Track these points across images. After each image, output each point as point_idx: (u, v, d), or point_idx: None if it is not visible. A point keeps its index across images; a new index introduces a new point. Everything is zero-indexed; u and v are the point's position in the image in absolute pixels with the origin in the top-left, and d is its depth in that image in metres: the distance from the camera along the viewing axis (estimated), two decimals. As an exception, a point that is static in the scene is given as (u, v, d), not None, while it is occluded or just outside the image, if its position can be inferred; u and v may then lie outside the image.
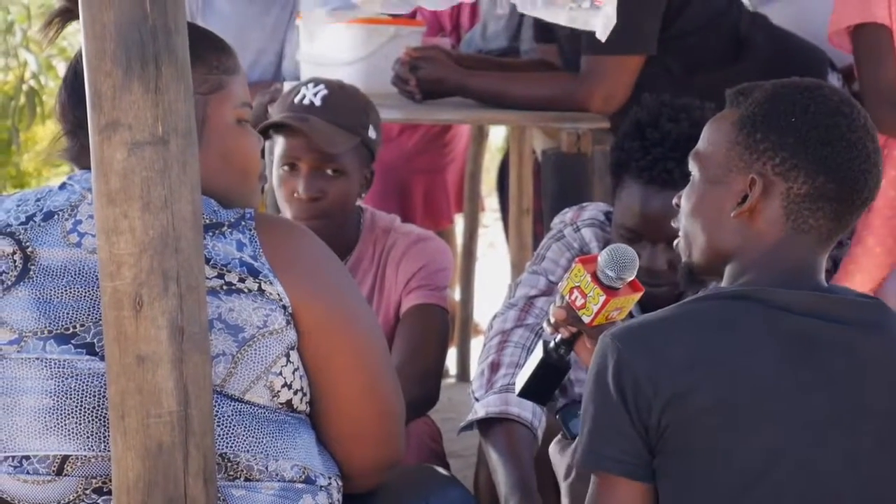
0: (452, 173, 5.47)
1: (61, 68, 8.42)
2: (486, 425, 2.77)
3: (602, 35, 2.74)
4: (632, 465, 1.95)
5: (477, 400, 2.81)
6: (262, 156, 2.36)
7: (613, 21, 2.75)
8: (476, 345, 5.61)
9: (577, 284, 2.27)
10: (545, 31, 3.98)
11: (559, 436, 2.36)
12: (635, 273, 2.25)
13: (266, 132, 3.09)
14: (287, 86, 3.86)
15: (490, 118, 4.14)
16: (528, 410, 2.75)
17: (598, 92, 3.64)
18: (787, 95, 2.04)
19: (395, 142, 5.18)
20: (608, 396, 1.95)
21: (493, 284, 6.95)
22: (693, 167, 2.09)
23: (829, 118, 2.02)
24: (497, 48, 4.73)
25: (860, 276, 3.46)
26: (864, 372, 1.98)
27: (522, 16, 4.76)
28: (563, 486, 2.27)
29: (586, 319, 2.28)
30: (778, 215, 2.02)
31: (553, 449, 2.35)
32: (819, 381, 1.95)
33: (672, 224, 2.15)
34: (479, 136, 5.39)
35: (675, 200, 2.14)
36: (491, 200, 7.39)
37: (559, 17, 2.83)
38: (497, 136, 7.84)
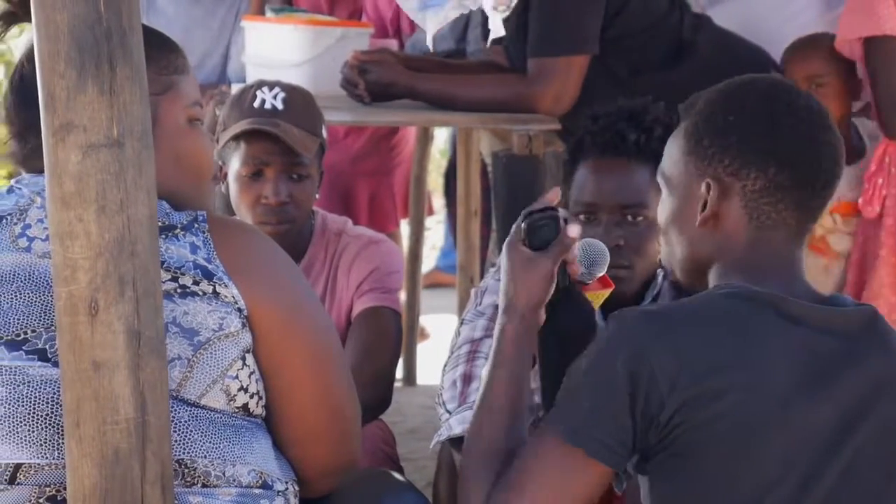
0: (399, 177, 5.46)
1: (0, 72, 8.35)
2: (462, 442, 2.74)
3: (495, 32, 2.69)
4: (614, 454, 1.92)
5: (449, 413, 2.79)
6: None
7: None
8: (422, 349, 5.60)
9: None
10: (493, 31, 3.98)
11: (514, 236, 2.17)
12: (606, 269, 2.25)
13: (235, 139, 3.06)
14: (234, 88, 3.83)
15: (441, 120, 4.14)
16: None
17: (547, 93, 3.65)
18: (722, 96, 2.06)
19: (340, 144, 5.16)
20: (614, 379, 1.90)
21: (437, 287, 6.96)
22: (661, 184, 2.11)
23: (766, 107, 2.02)
24: (443, 50, 4.72)
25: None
26: (866, 384, 1.97)
27: (468, 17, 4.77)
28: (500, 321, 2.11)
29: None
30: (739, 215, 2.02)
31: (505, 258, 2.16)
32: (824, 397, 1.94)
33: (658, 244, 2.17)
34: (425, 139, 5.38)
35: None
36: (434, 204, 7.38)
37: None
38: (440, 139, 7.83)
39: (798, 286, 2.01)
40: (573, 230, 2.16)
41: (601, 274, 2.25)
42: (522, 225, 2.16)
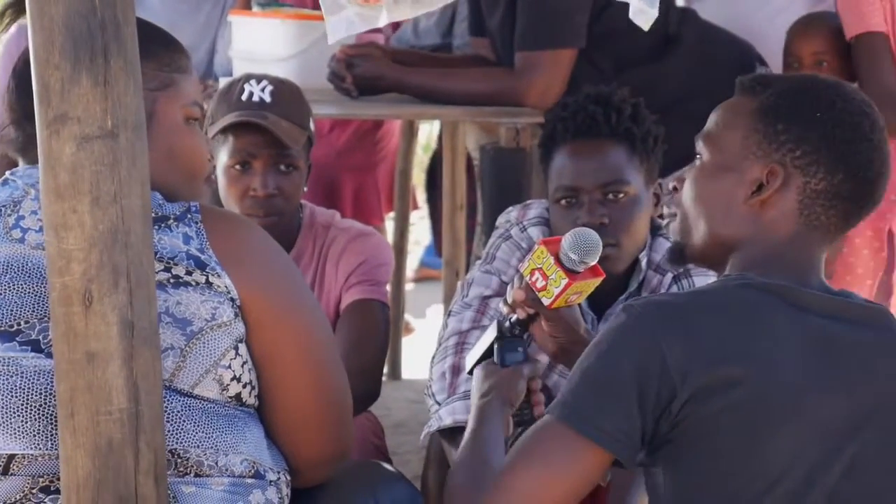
0: (383, 171, 5.46)
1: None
2: (452, 432, 2.76)
3: (644, 23, 2.68)
4: (619, 443, 1.90)
5: (438, 404, 2.80)
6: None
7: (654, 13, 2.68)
8: (407, 343, 5.61)
9: (538, 266, 2.27)
10: (479, 24, 4.00)
11: (486, 361, 2.32)
12: (598, 258, 2.26)
13: (222, 131, 3.07)
14: (221, 83, 3.83)
15: (429, 113, 4.14)
16: None
17: (534, 86, 3.66)
18: (812, 89, 2.04)
19: (325, 139, 5.16)
20: (625, 371, 1.89)
21: (420, 282, 6.97)
22: (703, 149, 2.07)
23: (855, 117, 2.01)
24: (429, 44, 4.73)
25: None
26: (876, 377, 1.97)
27: (454, 11, 4.78)
28: (476, 403, 2.24)
29: (546, 301, 2.28)
30: (791, 208, 2.01)
31: (478, 370, 2.30)
32: (837, 385, 1.94)
33: (664, 209, 2.15)
34: (409, 134, 5.38)
35: (672, 183, 2.13)
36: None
37: None
38: (421, 135, 7.84)
39: (813, 280, 2.01)
40: (543, 357, 2.32)
41: (593, 263, 2.26)
42: (495, 347, 2.33)
